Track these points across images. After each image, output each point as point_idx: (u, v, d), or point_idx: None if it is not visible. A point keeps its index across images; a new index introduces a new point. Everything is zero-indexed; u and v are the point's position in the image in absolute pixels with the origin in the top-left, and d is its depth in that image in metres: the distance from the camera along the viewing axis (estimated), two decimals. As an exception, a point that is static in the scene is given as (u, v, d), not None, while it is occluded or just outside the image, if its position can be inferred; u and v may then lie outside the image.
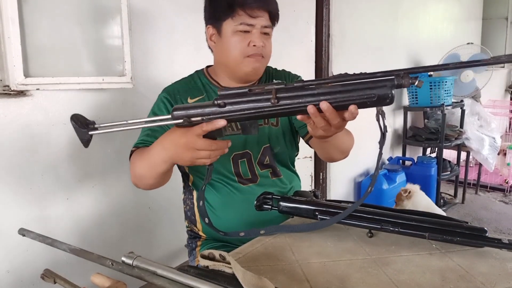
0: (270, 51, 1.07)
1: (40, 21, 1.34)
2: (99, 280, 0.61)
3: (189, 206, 1.17)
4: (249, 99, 0.73)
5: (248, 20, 1.00)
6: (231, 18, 1.00)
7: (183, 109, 0.76)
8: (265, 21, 1.02)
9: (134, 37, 1.56)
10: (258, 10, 1.00)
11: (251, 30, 1.01)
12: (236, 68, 1.05)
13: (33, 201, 1.37)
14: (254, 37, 1.01)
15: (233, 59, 1.04)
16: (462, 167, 3.68)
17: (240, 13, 0.99)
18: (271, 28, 1.05)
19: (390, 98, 0.67)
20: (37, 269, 1.36)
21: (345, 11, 2.70)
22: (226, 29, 1.02)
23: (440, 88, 3.05)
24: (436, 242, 0.86)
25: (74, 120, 0.81)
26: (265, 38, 1.04)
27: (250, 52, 1.02)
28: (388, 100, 0.67)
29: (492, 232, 0.83)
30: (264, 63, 1.07)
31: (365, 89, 0.68)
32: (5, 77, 1.27)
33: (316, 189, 2.64)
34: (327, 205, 0.92)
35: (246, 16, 0.99)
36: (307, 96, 0.71)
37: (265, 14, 1.02)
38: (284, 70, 1.23)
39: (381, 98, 0.67)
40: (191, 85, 1.12)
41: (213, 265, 0.61)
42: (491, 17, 5.00)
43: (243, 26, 1.00)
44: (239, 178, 1.10)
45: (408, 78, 0.65)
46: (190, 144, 0.78)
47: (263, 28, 1.02)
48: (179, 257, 1.83)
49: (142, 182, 0.97)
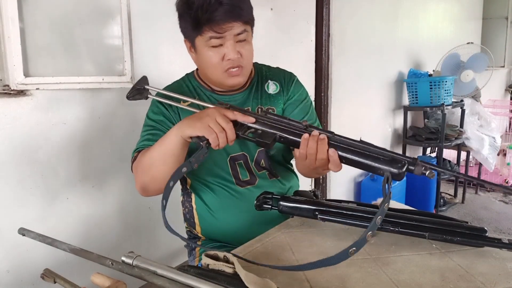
0: (249, 57, 1.02)
1: (40, 21, 1.34)
2: (99, 279, 0.61)
3: (188, 209, 1.16)
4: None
5: (217, 35, 0.95)
6: (201, 36, 0.96)
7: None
8: (237, 29, 0.96)
9: (134, 37, 1.56)
10: (225, 23, 0.93)
11: (223, 43, 0.96)
12: (219, 81, 1.04)
13: (33, 201, 1.37)
14: (228, 50, 0.96)
15: (211, 74, 1.02)
16: (462, 167, 3.68)
17: (207, 29, 0.94)
18: (246, 33, 0.98)
19: (400, 178, 0.74)
20: (37, 269, 1.36)
21: (345, 11, 2.70)
22: (199, 45, 0.99)
23: (440, 88, 3.05)
24: (436, 242, 0.86)
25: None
26: (241, 46, 0.98)
27: (227, 66, 0.98)
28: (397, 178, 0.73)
29: (492, 232, 0.83)
30: (246, 71, 1.03)
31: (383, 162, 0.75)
32: (5, 77, 1.27)
33: (316, 189, 2.64)
34: (327, 204, 0.92)
35: (213, 31, 0.94)
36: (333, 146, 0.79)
37: (236, 24, 0.95)
38: (278, 68, 1.19)
39: (393, 175, 0.74)
40: (182, 90, 1.11)
41: (213, 264, 0.61)
42: (491, 17, 5.00)
43: (214, 40, 0.95)
44: (237, 180, 1.09)
45: (420, 167, 0.72)
46: (211, 114, 0.84)
47: (236, 36, 0.96)
48: (179, 257, 1.83)
49: (152, 177, 0.95)
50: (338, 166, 0.80)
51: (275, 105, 1.11)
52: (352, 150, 0.77)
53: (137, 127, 1.61)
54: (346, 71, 2.76)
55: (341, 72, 2.71)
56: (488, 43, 4.63)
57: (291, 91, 1.13)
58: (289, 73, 1.18)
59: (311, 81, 2.58)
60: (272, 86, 1.13)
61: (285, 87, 1.13)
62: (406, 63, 3.50)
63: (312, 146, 0.80)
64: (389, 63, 3.33)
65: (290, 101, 1.12)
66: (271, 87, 1.13)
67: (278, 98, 1.12)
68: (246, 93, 1.10)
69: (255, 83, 1.13)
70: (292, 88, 1.13)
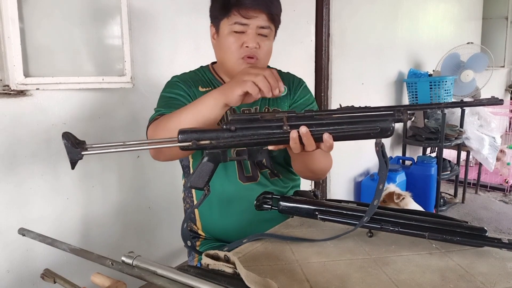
0: (267, 52, 1.04)
1: (40, 21, 1.34)
2: (99, 279, 0.61)
3: (189, 205, 1.17)
4: (260, 125, 0.75)
5: (242, 20, 0.98)
6: (227, 18, 1.00)
7: (191, 132, 0.76)
8: (262, 22, 1.00)
9: (134, 37, 1.56)
10: (253, 10, 0.98)
11: (246, 31, 1.00)
12: (231, 68, 1.05)
13: (33, 201, 1.37)
14: (248, 38, 1.00)
15: (228, 60, 1.04)
16: (462, 166, 3.68)
17: (234, 13, 0.98)
18: (269, 29, 1.02)
19: (391, 130, 0.74)
20: (37, 269, 1.36)
21: (345, 11, 2.70)
22: (223, 28, 1.02)
23: (440, 88, 3.05)
24: (436, 242, 0.86)
25: (66, 139, 0.79)
26: (261, 39, 1.01)
27: (243, 54, 1.01)
28: (389, 133, 0.75)
29: (492, 232, 0.83)
30: (261, 66, 1.04)
31: (369, 121, 0.75)
32: (5, 77, 1.27)
33: (316, 189, 2.64)
34: (327, 205, 0.92)
35: (240, 16, 0.98)
36: (317, 125, 0.76)
37: (262, 15, 0.99)
38: (289, 73, 1.21)
39: (383, 130, 0.74)
40: (198, 77, 1.13)
41: (213, 264, 0.61)
42: (491, 17, 5.00)
43: (238, 26, 0.99)
44: (240, 175, 1.10)
45: (407, 113, 0.74)
46: (245, 71, 0.82)
47: (258, 28, 1.00)
48: (179, 257, 1.83)
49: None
50: (332, 147, 0.78)
51: (281, 107, 1.13)
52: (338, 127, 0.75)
53: (137, 127, 1.62)
54: (346, 71, 2.76)
55: (341, 72, 2.71)
56: (488, 43, 4.63)
57: (297, 95, 1.15)
58: (298, 78, 1.20)
59: (311, 81, 2.58)
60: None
61: (293, 90, 1.16)
62: (406, 63, 3.50)
63: (296, 147, 0.77)
64: (389, 63, 3.34)
65: (296, 104, 1.15)
66: None
67: (284, 100, 1.14)
68: None
69: None
70: (299, 92, 1.16)
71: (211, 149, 0.77)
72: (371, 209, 0.83)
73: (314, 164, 1.01)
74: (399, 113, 0.74)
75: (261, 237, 0.91)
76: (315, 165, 1.01)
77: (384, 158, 0.77)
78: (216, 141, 0.75)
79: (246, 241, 0.90)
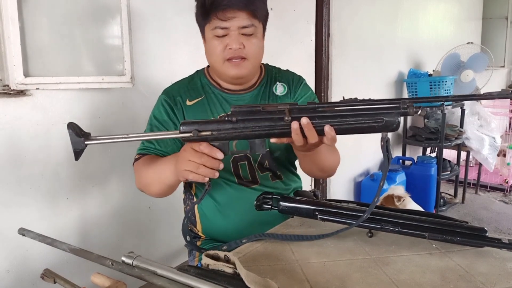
0: (256, 51, 1.02)
1: (40, 21, 1.34)
2: (99, 280, 0.61)
3: (189, 206, 1.17)
4: (262, 117, 0.75)
5: (222, 24, 0.96)
6: (208, 23, 0.99)
7: (192, 123, 0.76)
8: (242, 21, 0.97)
9: (134, 37, 1.56)
10: (230, 11, 0.95)
11: (227, 33, 0.98)
12: (219, 71, 1.05)
13: (33, 201, 1.37)
14: (231, 40, 0.97)
15: (214, 63, 1.04)
16: (462, 167, 3.68)
17: (214, 17, 0.96)
18: (253, 27, 0.99)
19: (397, 123, 0.71)
20: (37, 269, 1.36)
21: (345, 11, 2.70)
22: (207, 33, 1.01)
23: (440, 88, 3.05)
24: (436, 242, 0.86)
25: (71, 128, 0.82)
26: (246, 39, 0.99)
27: (228, 56, 0.99)
28: (395, 126, 0.72)
29: (492, 232, 0.83)
30: (249, 65, 1.03)
31: (374, 114, 0.72)
32: (5, 77, 1.27)
33: (316, 189, 2.64)
34: (327, 204, 0.92)
35: (218, 19, 0.96)
36: (320, 118, 0.74)
37: (241, 14, 0.96)
38: (288, 70, 1.20)
39: (388, 123, 0.72)
40: (190, 86, 1.12)
41: (213, 264, 0.61)
42: (491, 17, 5.00)
43: (219, 30, 0.97)
44: (239, 180, 1.09)
45: (413, 107, 0.70)
46: (185, 155, 0.82)
47: (240, 29, 0.97)
48: (179, 257, 1.83)
49: (149, 190, 1.03)
50: (335, 139, 0.77)
51: None
52: (342, 119, 0.73)
53: (137, 127, 1.61)
54: (346, 71, 2.76)
55: (341, 72, 2.71)
56: (488, 43, 4.62)
57: (298, 93, 1.14)
58: (298, 76, 1.19)
59: (311, 81, 2.58)
60: (280, 88, 1.14)
61: (293, 89, 1.15)
62: (406, 63, 3.50)
63: (298, 139, 0.76)
64: (389, 63, 3.33)
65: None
66: (279, 89, 1.14)
67: (284, 100, 1.13)
68: (254, 93, 1.11)
69: (264, 83, 1.13)
70: (300, 91, 1.15)
71: (212, 140, 0.77)
72: (372, 205, 0.81)
73: (322, 162, 1.00)
74: (404, 105, 0.70)
75: (261, 237, 0.91)
76: (323, 162, 1.00)
77: (387, 154, 0.75)
78: (217, 132, 0.75)
79: (245, 241, 0.90)
